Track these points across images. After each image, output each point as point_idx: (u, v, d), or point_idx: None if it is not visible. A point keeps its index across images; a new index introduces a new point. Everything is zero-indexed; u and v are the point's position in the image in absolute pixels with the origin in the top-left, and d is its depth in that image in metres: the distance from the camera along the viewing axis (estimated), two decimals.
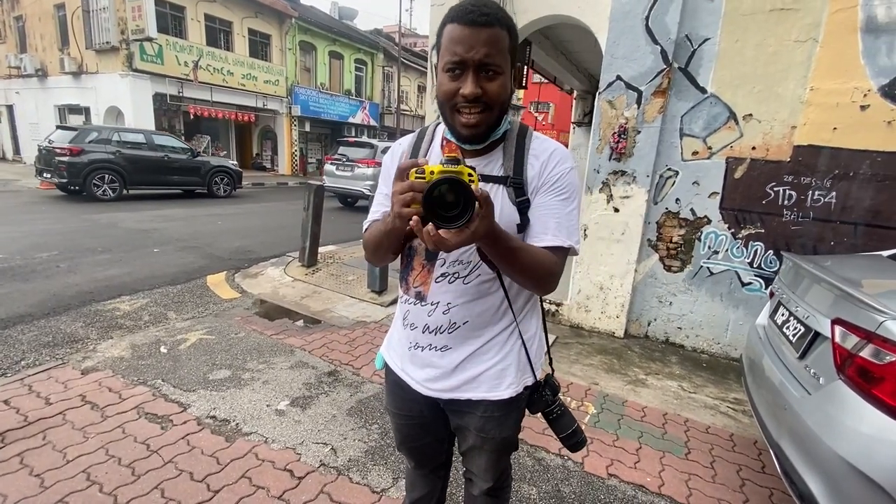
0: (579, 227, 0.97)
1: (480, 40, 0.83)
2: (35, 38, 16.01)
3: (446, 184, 0.68)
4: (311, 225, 4.86)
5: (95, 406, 2.28)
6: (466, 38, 0.84)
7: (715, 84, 3.23)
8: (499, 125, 0.94)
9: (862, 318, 1.42)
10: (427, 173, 0.73)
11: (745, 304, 3.35)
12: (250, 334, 3.27)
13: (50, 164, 8.72)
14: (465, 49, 0.84)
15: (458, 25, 0.84)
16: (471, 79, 0.85)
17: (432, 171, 0.73)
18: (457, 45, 0.84)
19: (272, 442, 2.12)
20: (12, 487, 1.73)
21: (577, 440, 1.10)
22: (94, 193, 8.89)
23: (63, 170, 8.57)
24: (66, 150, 8.62)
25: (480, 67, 0.85)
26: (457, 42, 0.84)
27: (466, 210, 0.69)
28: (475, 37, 0.83)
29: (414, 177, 0.73)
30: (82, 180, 8.71)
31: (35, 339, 2.95)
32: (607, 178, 3.59)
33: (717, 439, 2.41)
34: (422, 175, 0.73)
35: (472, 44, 0.83)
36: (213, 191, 10.82)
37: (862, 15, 2.79)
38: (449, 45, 0.86)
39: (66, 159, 8.58)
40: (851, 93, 2.86)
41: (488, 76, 0.86)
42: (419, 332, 1.05)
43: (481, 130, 0.91)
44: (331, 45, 19.93)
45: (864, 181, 2.91)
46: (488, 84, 0.86)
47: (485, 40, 0.83)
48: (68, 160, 8.58)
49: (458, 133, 0.93)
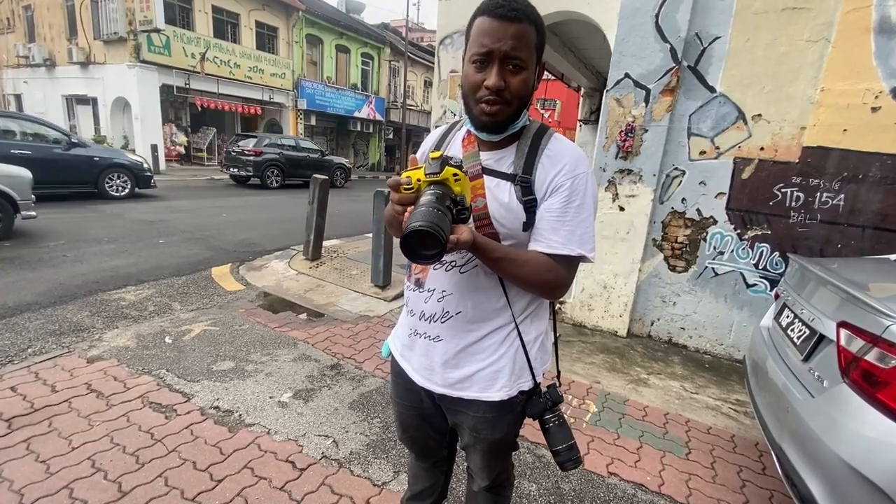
0: (594, 235, 0.96)
1: (508, 33, 0.85)
2: (44, 28, 16.06)
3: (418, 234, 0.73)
4: (316, 218, 4.87)
5: (101, 394, 2.30)
6: (495, 30, 0.85)
7: (724, 83, 3.20)
8: (517, 119, 0.94)
9: (868, 321, 1.41)
10: (414, 181, 0.82)
11: (749, 306, 3.33)
12: (254, 326, 3.29)
13: (237, 162, 12.03)
14: (493, 41, 0.85)
15: (488, 18, 0.86)
16: (496, 70, 0.87)
17: (419, 178, 0.82)
18: (485, 36, 0.86)
19: (274, 433, 2.14)
20: (18, 473, 1.75)
21: (571, 458, 1.02)
22: (267, 183, 12.15)
23: (250, 166, 11.83)
24: (253, 152, 11.84)
25: (506, 60, 0.86)
26: (485, 34, 0.86)
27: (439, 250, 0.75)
28: (503, 30, 0.85)
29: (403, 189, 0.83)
30: (261, 174, 12.01)
31: (42, 328, 2.98)
32: (613, 177, 3.57)
33: (718, 440, 2.41)
34: (409, 187, 0.83)
35: (500, 36, 0.85)
36: (333, 182, 13.54)
37: (875, 15, 2.75)
38: (477, 36, 0.88)
39: (252, 158, 11.81)
40: (863, 94, 2.83)
41: (513, 70, 0.88)
42: (417, 319, 1.07)
43: (499, 119, 0.92)
44: (338, 38, 19.89)
45: (874, 184, 2.88)
46: (512, 77, 0.88)
47: (513, 34, 0.85)
48: (254, 159, 11.82)
49: (477, 120, 0.95)
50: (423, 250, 0.75)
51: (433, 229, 0.72)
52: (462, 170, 0.84)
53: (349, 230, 7.07)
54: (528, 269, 0.92)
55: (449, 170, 0.82)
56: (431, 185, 0.81)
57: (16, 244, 4.79)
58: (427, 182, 0.82)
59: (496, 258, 0.90)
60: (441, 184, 0.82)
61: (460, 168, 0.84)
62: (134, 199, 8.36)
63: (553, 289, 0.96)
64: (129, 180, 8.57)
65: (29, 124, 7.64)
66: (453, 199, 0.82)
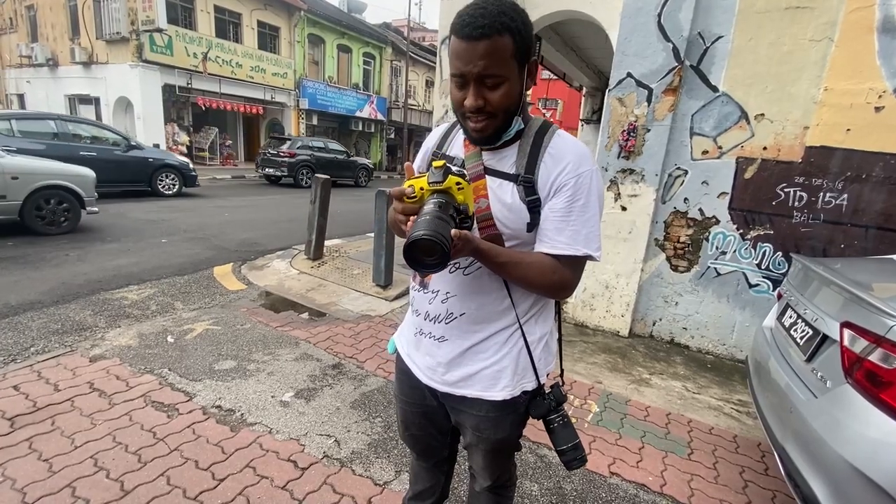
0: (600, 233, 0.95)
1: (477, 53, 0.83)
2: (46, 28, 16.10)
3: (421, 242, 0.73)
4: (318, 218, 4.87)
5: (103, 393, 2.31)
6: (463, 51, 0.84)
7: (727, 83, 3.19)
8: (508, 127, 0.94)
9: (872, 321, 1.41)
10: (417, 189, 0.83)
11: (751, 306, 3.32)
12: (256, 326, 3.29)
13: (272, 163, 12.92)
14: (464, 63, 0.85)
15: (456, 39, 0.85)
16: (472, 91, 0.87)
17: (422, 187, 0.83)
18: (457, 58, 0.86)
19: (276, 433, 2.14)
20: (21, 472, 1.75)
21: (576, 457, 1.03)
22: (300, 182, 12.93)
23: (284, 167, 12.76)
24: (287, 154, 12.80)
25: (480, 79, 0.86)
26: (456, 56, 0.86)
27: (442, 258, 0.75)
28: (472, 51, 0.83)
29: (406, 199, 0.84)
30: (294, 174, 12.90)
31: (44, 327, 2.99)
32: (615, 177, 3.57)
33: (720, 440, 2.40)
34: (413, 196, 0.83)
35: (470, 58, 0.84)
36: (357, 182, 15.26)
37: (879, 15, 2.74)
38: (452, 57, 0.87)
39: (286, 160, 12.74)
40: (866, 94, 2.82)
41: (490, 86, 0.87)
42: (423, 319, 1.06)
43: (489, 134, 0.92)
44: (339, 38, 19.90)
45: (878, 183, 2.87)
46: (490, 94, 0.87)
47: (482, 53, 0.83)
48: (288, 161, 12.74)
49: (469, 136, 0.97)
50: (427, 258, 0.75)
51: (436, 238, 0.72)
52: (464, 177, 0.84)
53: (351, 230, 7.07)
54: (533, 272, 0.91)
55: (452, 178, 0.82)
56: (434, 194, 0.82)
57: (18, 243, 4.81)
58: (430, 191, 0.82)
59: (501, 263, 0.89)
60: (444, 192, 0.82)
61: (463, 176, 0.84)
62: (136, 199, 8.38)
63: (559, 290, 0.96)
64: (177, 179, 9.30)
65: (94, 129, 8.49)
66: (456, 208, 0.82)
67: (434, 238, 0.72)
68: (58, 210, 5.36)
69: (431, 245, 0.73)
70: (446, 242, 0.73)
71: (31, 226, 5.16)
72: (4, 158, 5.03)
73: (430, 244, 0.73)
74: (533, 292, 0.99)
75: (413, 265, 0.77)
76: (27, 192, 5.07)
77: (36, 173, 5.20)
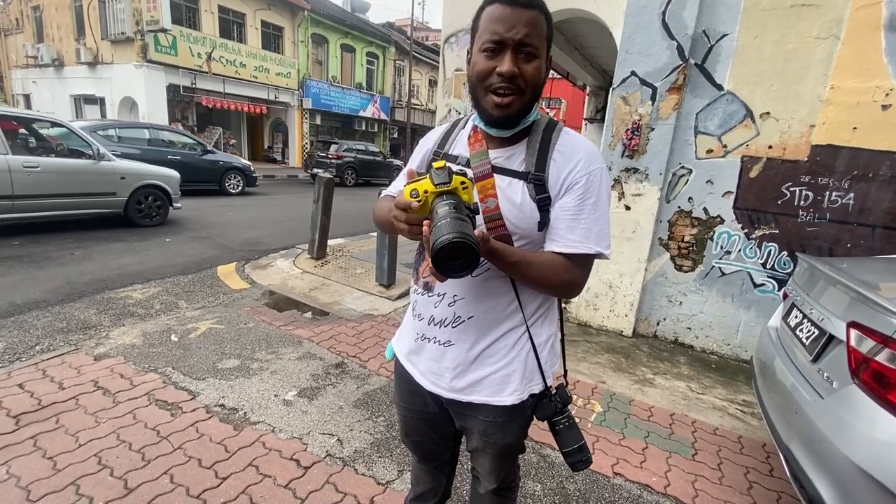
0: (609, 231, 0.94)
1: (522, 20, 0.84)
2: (52, 28, 16.21)
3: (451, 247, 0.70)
4: (321, 217, 4.88)
5: (107, 392, 2.32)
6: (508, 16, 0.84)
7: (732, 81, 3.17)
8: (530, 111, 0.92)
9: (879, 321, 1.39)
10: (421, 193, 0.79)
11: (756, 306, 3.30)
12: (259, 325, 3.30)
13: (322, 164, 13.80)
14: (506, 28, 0.84)
15: (500, 5, 0.85)
16: (509, 57, 0.85)
17: (425, 189, 0.79)
18: (497, 23, 0.85)
19: (279, 431, 2.14)
20: (25, 469, 1.76)
21: (582, 458, 1.01)
22: (346, 182, 14.06)
23: (332, 168, 13.64)
24: (335, 156, 13.95)
25: (519, 47, 0.85)
26: (497, 21, 0.85)
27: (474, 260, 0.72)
28: (517, 16, 0.84)
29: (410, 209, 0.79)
30: (341, 174, 13.86)
31: (49, 325, 3.01)
32: (619, 176, 3.55)
33: (724, 441, 2.39)
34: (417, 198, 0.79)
35: (514, 23, 0.84)
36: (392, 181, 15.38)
37: (886, 12, 2.71)
38: (489, 24, 0.86)
39: (334, 161, 13.84)
40: (873, 92, 2.79)
41: (526, 57, 0.86)
42: (426, 324, 1.03)
43: (513, 112, 0.90)
44: (343, 37, 19.93)
45: (884, 182, 2.84)
46: (525, 65, 0.86)
47: (526, 21, 0.84)
48: (336, 162, 13.85)
49: (488, 115, 0.92)
50: (453, 262, 0.71)
51: (467, 240, 0.69)
52: (467, 176, 0.82)
53: (354, 229, 7.08)
54: (545, 271, 0.90)
55: (457, 178, 0.79)
56: (444, 196, 0.78)
57: (24, 242, 4.84)
58: (436, 192, 0.79)
59: (513, 263, 0.87)
60: (451, 193, 0.79)
61: (465, 175, 0.82)
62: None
63: (570, 289, 0.94)
64: (241, 180, 10.56)
65: (175, 136, 9.93)
66: (468, 207, 0.79)
67: (465, 240, 0.69)
68: (153, 206, 6.20)
69: (460, 247, 0.69)
70: (476, 243, 0.70)
71: (132, 218, 5.98)
72: (116, 161, 5.81)
73: (459, 246, 0.69)
74: (543, 292, 0.98)
75: (444, 272, 0.73)
76: (131, 190, 5.91)
77: (138, 174, 6.03)
